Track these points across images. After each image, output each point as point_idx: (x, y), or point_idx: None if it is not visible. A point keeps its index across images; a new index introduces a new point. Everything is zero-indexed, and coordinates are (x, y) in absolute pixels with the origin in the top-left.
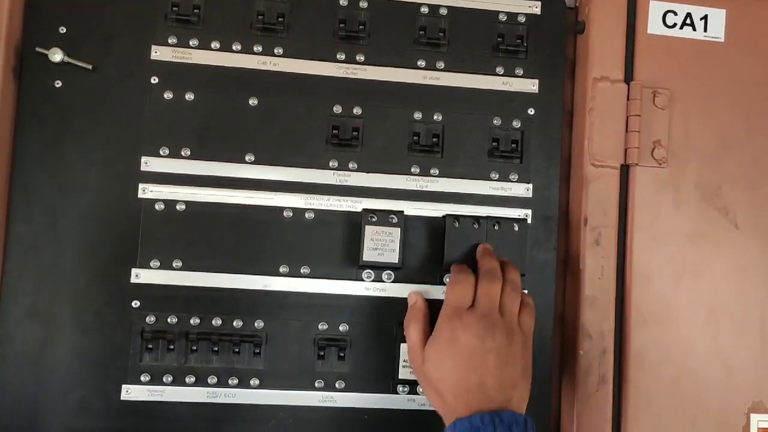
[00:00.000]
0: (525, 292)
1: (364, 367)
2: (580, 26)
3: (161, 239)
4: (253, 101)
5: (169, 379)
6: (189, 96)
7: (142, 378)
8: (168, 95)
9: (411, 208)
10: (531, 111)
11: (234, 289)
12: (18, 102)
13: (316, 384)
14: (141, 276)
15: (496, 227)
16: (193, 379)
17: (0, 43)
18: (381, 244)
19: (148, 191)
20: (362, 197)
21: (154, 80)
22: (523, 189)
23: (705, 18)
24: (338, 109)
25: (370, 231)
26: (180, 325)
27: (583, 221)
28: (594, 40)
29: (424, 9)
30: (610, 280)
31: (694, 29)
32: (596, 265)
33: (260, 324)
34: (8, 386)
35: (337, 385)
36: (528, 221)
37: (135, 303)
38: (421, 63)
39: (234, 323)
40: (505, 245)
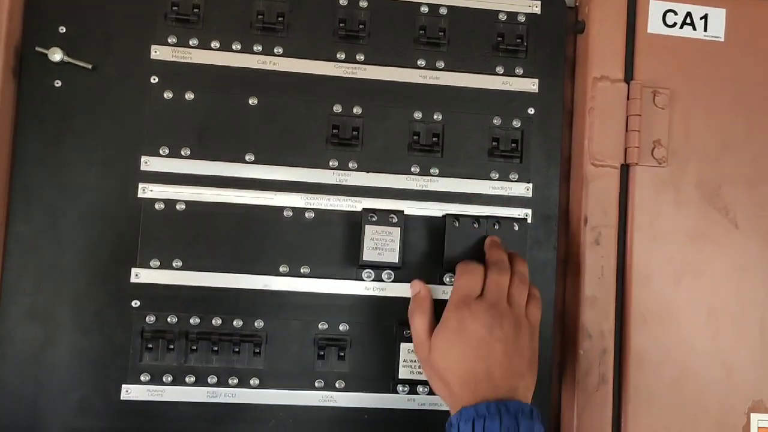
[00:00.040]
0: (532, 284)
1: (364, 367)
2: (580, 26)
3: (161, 239)
4: (253, 101)
5: (169, 379)
6: (189, 95)
7: (142, 378)
8: (168, 95)
9: (411, 208)
10: (531, 110)
11: (234, 289)
12: (18, 102)
13: (316, 384)
14: (141, 276)
15: (496, 227)
16: (193, 379)
17: (0, 43)
18: (381, 244)
19: (148, 191)
20: (362, 197)
21: (154, 80)
22: (523, 188)
23: (705, 17)
24: (338, 109)
25: (370, 231)
26: (180, 325)
27: (583, 221)
28: (594, 40)
29: (424, 8)
30: (610, 280)
31: (695, 29)
32: (596, 265)
33: (260, 324)
34: (8, 386)
35: (337, 385)
36: (528, 221)
37: (135, 303)
38: (421, 62)
39: (234, 323)
40: (505, 245)
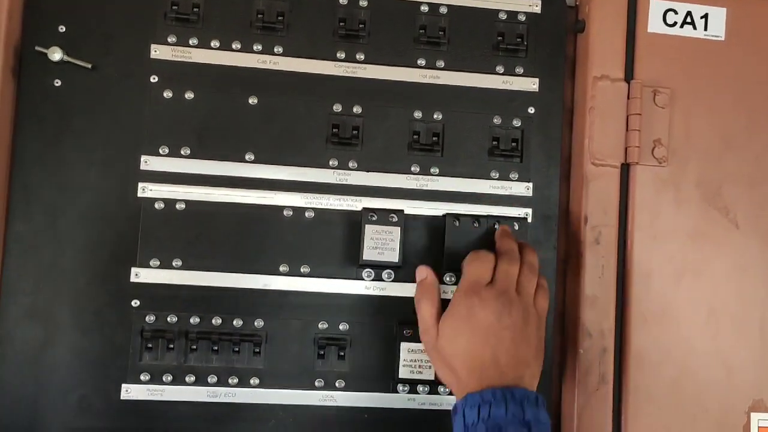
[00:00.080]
0: (541, 275)
1: (364, 367)
2: (581, 25)
3: (161, 238)
4: (253, 100)
5: (169, 379)
6: (189, 95)
7: (142, 377)
8: (168, 94)
9: (411, 207)
10: (531, 110)
11: (234, 288)
12: (17, 101)
13: (316, 383)
14: (141, 275)
15: (497, 226)
16: (193, 379)
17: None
18: (381, 243)
19: (148, 190)
20: (362, 196)
21: (154, 79)
22: (524, 188)
23: (705, 17)
24: (338, 108)
25: (370, 230)
26: (180, 325)
27: (584, 220)
28: (594, 39)
29: (424, 8)
30: (611, 279)
31: (695, 28)
32: (596, 264)
33: (260, 323)
34: (8, 386)
35: (337, 384)
36: (528, 220)
37: (135, 302)
38: (421, 62)
39: (234, 322)
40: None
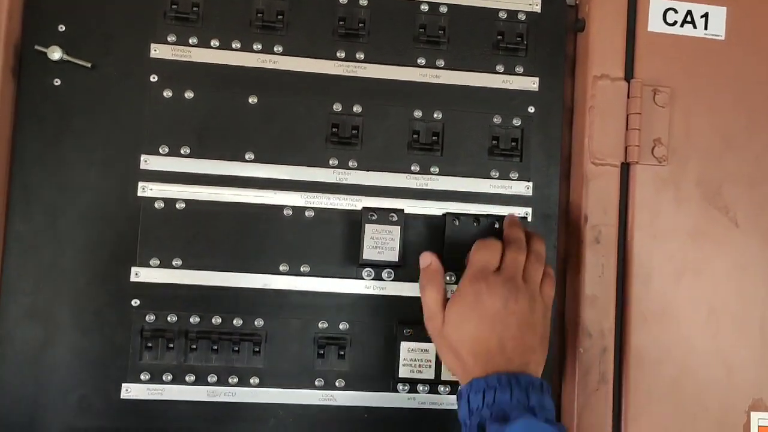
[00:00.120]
0: (547, 264)
1: (364, 366)
2: (581, 24)
3: (161, 238)
4: (253, 99)
5: (169, 378)
6: (188, 94)
7: (142, 377)
8: (167, 93)
9: (411, 207)
10: (531, 109)
11: (234, 288)
12: (17, 100)
13: (316, 382)
14: (141, 275)
15: (497, 225)
16: (193, 378)
17: None
18: (381, 243)
19: (148, 190)
20: (362, 195)
21: (154, 78)
22: (524, 187)
23: (705, 16)
24: (338, 107)
25: (370, 229)
26: (180, 324)
27: (584, 219)
28: (594, 38)
29: (424, 7)
30: (611, 279)
31: (695, 27)
32: (596, 264)
33: (260, 322)
34: (8, 386)
35: (337, 384)
36: (528, 219)
37: (135, 302)
38: (421, 61)
39: (234, 322)
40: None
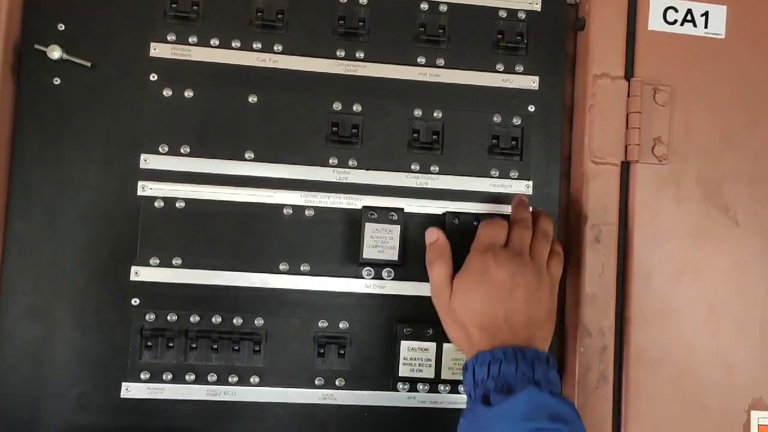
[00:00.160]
0: (556, 242)
1: (364, 365)
2: (581, 23)
3: (161, 237)
4: (253, 98)
5: (169, 377)
6: (188, 93)
7: (142, 376)
8: (167, 92)
9: (411, 206)
10: (531, 108)
11: (234, 287)
12: (17, 99)
13: (316, 381)
14: (140, 274)
15: None
16: (193, 377)
17: None
18: (381, 242)
19: (148, 189)
20: (362, 194)
21: (153, 77)
22: (524, 186)
23: (706, 14)
24: (338, 106)
25: (370, 228)
26: (180, 323)
27: (584, 218)
28: (594, 37)
29: (424, 5)
30: (611, 278)
31: (695, 26)
32: (596, 263)
33: (260, 321)
34: (8, 385)
35: (337, 383)
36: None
37: (134, 301)
38: (421, 60)
39: (234, 321)
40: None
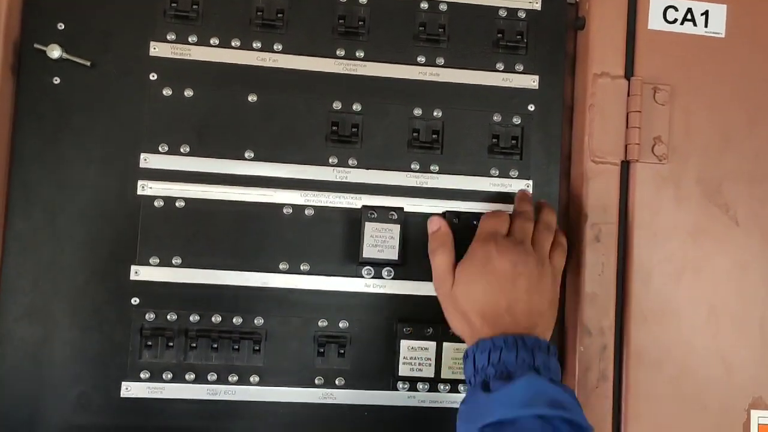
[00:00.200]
0: (561, 233)
1: (364, 364)
2: (581, 22)
3: (161, 236)
4: (253, 98)
5: (169, 376)
6: (188, 92)
7: (142, 375)
8: (167, 92)
9: (411, 205)
10: (531, 107)
11: (233, 286)
12: (16, 99)
13: (316, 381)
14: (140, 273)
15: None
16: (193, 376)
17: None
18: (381, 241)
19: (147, 188)
20: (362, 194)
21: (153, 77)
22: (524, 186)
23: (706, 13)
24: (338, 106)
25: (370, 228)
26: (179, 322)
27: (584, 218)
28: (594, 36)
29: (424, 5)
30: (611, 277)
31: (695, 25)
32: (596, 262)
33: (260, 321)
34: (8, 384)
35: (337, 382)
36: None
37: (134, 300)
38: (421, 59)
39: (234, 320)
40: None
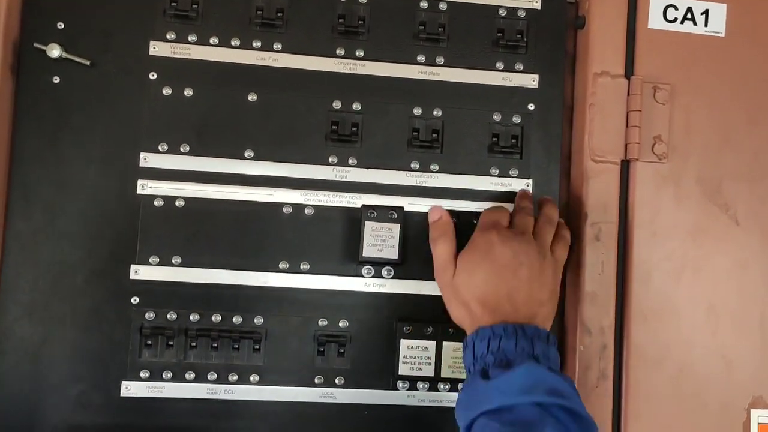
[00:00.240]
0: (565, 227)
1: (364, 363)
2: (581, 21)
3: (160, 235)
4: (252, 97)
5: (169, 376)
6: (188, 92)
7: (142, 374)
8: (167, 91)
9: (411, 204)
10: (531, 106)
11: (233, 285)
12: (16, 98)
13: (316, 380)
14: (140, 272)
15: None
16: (193, 376)
17: None
18: (380, 240)
19: (147, 187)
20: (362, 193)
21: (153, 76)
22: (523, 185)
23: (706, 12)
24: (337, 105)
25: (370, 227)
26: (179, 322)
27: (584, 217)
28: (594, 35)
29: (424, 4)
30: (611, 276)
31: (695, 24)
32: (596, 261)
33: (260, 320)
34: (8, 384)
35: (337, 381)
36: None
37: (134, 299)
38: (421, 58)
39: (233, 319)
40: None
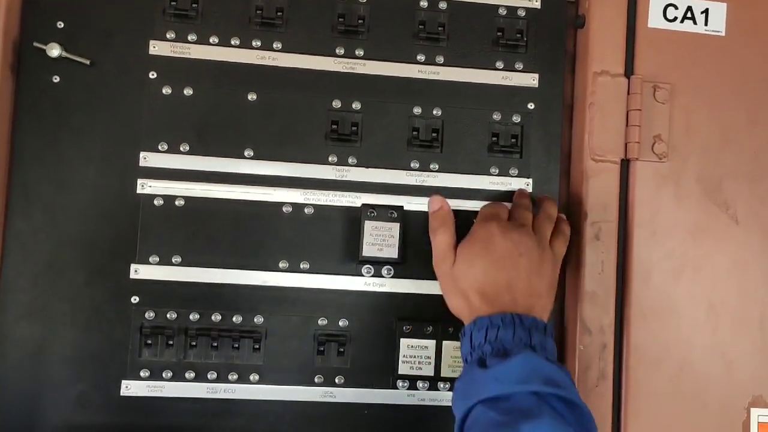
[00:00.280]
0: (565, 222)
1: (364, 363)
2: (581, 20)
3: (160, 235)
4: (252, 96)
5: (169, 375)
6: (188, 91)
7: (142, 374)
8: (166, 90)
9: (410, 204)
10: (531, 105)
11: (233, 285)
12: (16, 98)
13: (316, 379)
14: (140, 272)
15: None
16: (193, 375)
17: None
18: (380, 240)
19: (147, 187)
20: (362, 192)
21: (153, 75)
22: (523, 184)
23: (706, 12)
24: (337, 104)
25: (370, 226)
26: (179, 321)
27: (583, 216)
28: (594, 34)
29: (424, 3)
30: (610, 275)
31: (695, 23)
32: (596, 260)
33: (260, 319)
34: (8, 383)
35: (337, 381)
36: None
37: (134, 299)
38: (421, 57)
39: (233, 319)
40: None
